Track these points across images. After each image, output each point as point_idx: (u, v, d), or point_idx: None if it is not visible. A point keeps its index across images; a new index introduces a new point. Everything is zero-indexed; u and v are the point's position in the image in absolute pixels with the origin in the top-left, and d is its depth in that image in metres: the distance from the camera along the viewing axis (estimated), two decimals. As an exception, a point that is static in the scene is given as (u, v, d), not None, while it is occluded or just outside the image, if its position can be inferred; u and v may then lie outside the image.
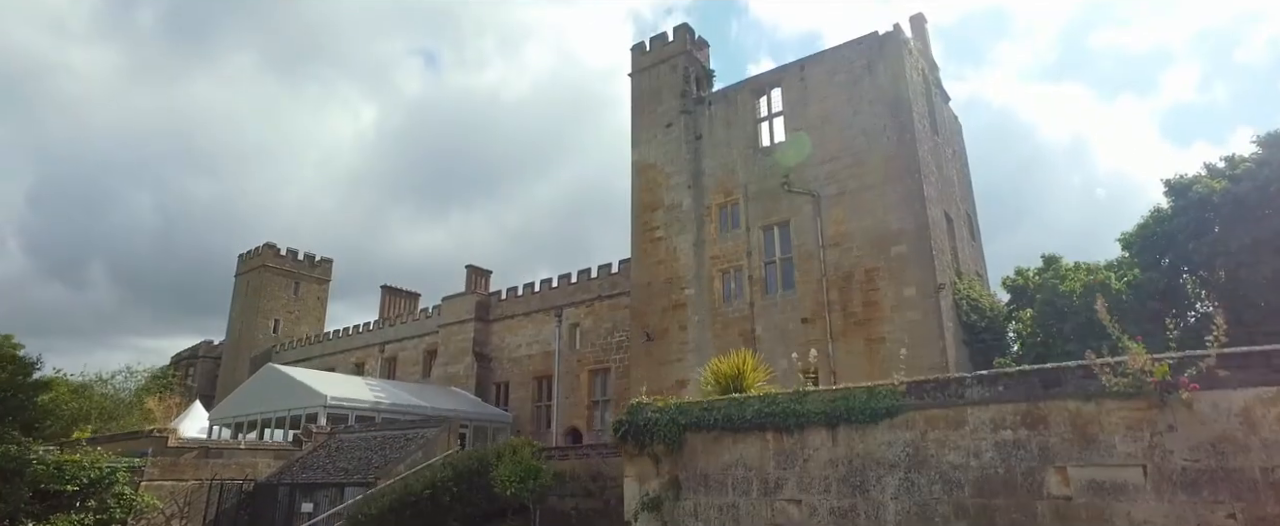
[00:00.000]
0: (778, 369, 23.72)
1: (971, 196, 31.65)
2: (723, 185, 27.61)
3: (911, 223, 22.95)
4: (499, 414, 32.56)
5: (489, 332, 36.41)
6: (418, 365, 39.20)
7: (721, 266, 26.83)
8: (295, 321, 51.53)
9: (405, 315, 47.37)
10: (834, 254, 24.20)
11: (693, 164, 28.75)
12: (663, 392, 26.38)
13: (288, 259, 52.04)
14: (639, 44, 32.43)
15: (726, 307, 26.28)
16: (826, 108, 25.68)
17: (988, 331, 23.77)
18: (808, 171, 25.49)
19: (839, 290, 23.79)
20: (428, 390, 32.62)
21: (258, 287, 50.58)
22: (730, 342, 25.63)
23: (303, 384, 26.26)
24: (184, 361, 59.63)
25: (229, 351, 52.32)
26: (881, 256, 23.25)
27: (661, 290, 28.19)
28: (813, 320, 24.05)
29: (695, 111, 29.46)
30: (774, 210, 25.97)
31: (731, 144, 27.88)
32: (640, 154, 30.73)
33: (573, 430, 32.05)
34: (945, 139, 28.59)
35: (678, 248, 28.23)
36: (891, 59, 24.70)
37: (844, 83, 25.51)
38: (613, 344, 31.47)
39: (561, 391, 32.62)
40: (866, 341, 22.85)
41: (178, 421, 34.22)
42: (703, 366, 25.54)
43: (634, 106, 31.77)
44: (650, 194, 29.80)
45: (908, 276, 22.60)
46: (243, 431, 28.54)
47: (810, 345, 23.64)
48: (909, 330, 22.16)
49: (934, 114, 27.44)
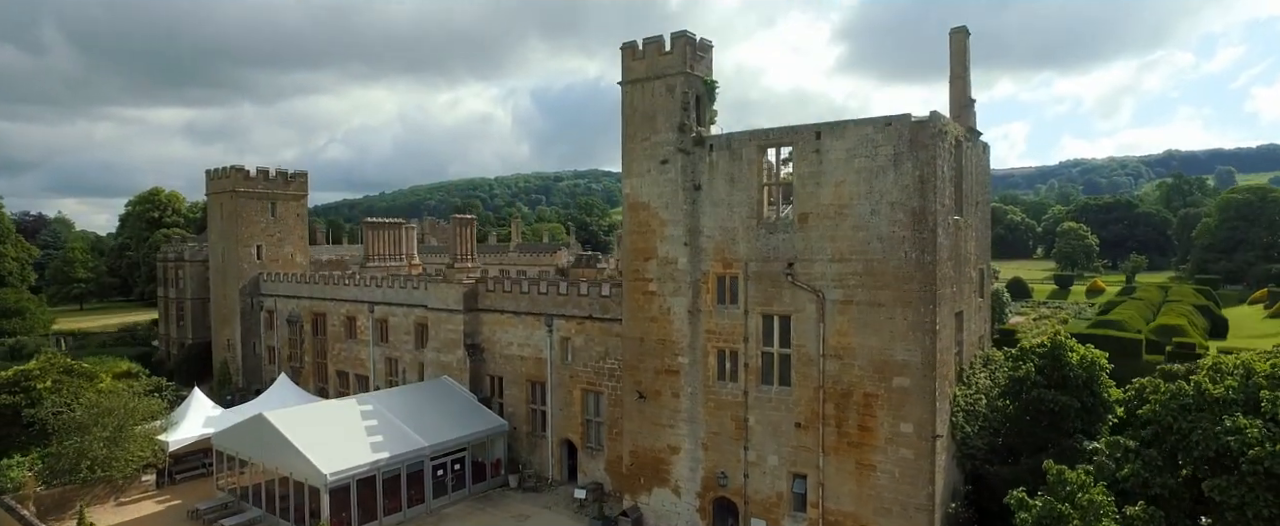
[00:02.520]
0: (767, 465, 24.48)
1: (988, 227, 29.72)
2: (722, 254, 25.57)
3: (918, 356, 21.81)
4: (497, 425, 33.35)
5: (479, 322, 35.89)
6: (410, 336, 39.15)
7: (717, 343, 25.88)
8: (278, 243, 50.17)
9: (389, 250, 46.28)
10: (834, 366, 23.30)
11: (691, 218, 26.29)
12: (655, 454, 27.35)
13: (259, 181, 49.06)
14: (630, 44, 27.71)
15: (720, 388, 25.87)
16: (842, 195, 22.92)
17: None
18: (815, 266, 23.51)
19: (836, 405, 23.32)
20: (424, 401, 32.87)
21: (233, 213, 48.39)
22: (723, 426, 25.91)
23: (303, 455, 26.49)
24: (170, 263, 59.08)
25: (216, 277, 51.58)
26: (883, 383, 22.46)
27: (654, 350, 27.47)
28: (807, 427, 23.91)
29: (694, 154, 26.20)
30: (776, 298, 24.40)
31: (733, 207, 25.27)
32: (633, 187, 27.93)
33: (567, 442, 33.19)
34: (971, 197, 25.99)
35: (672, 309, 26.94)
36: (923, 156, 21.50)
37: (864, 170, 22.48)
38: (604, 369, 31.31)
39: (555, 402, 33.16)
40: (858, 465, 23.00)
41: (180, 415, 35.16)
42: (695, 440, 26.24)
43: (625, 123, 28.13)
44: (643, 238, 27.66)
45: (907, 412, 22.07)
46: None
47: (802, 452, 24.00)
48: (901, 465, 22.24)
49: (961, 185, 24.65)
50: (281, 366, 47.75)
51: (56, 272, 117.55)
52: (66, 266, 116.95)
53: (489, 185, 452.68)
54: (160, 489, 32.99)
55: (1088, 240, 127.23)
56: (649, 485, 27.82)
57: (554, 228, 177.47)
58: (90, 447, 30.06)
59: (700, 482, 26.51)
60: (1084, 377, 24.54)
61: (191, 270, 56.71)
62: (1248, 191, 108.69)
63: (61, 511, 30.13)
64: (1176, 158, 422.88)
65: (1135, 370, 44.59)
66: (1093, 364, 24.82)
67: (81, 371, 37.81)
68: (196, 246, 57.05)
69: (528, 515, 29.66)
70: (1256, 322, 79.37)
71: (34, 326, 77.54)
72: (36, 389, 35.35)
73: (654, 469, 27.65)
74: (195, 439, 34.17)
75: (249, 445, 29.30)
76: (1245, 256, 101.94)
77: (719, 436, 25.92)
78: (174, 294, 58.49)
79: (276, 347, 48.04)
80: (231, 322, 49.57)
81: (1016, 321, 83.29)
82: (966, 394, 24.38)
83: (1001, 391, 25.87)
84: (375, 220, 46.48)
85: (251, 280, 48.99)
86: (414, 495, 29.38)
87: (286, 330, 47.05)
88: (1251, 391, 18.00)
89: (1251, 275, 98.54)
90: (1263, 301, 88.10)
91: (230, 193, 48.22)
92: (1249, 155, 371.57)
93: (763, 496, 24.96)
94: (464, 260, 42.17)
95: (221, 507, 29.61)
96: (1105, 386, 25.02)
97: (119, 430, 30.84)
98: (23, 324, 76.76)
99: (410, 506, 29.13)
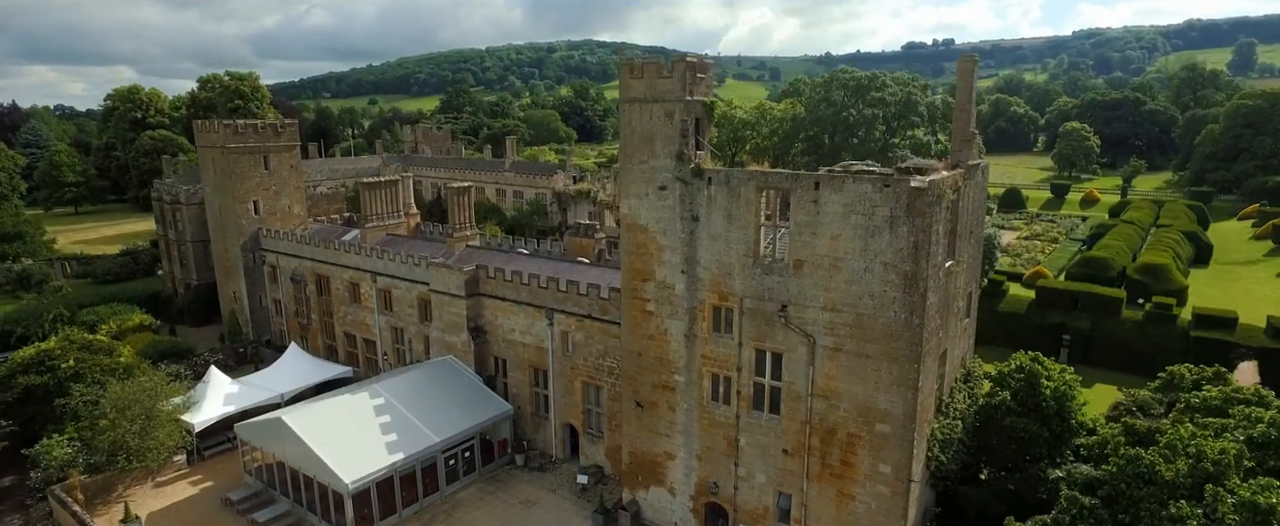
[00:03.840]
0: (755, 481, 26.71)
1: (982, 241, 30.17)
2: (718, 287, 26.24)
3: (900, 408, 23.18)
4: (503, 411, 35.28)
5: (481, 306, 36.89)
6: (413, 309, 40.26)
7: (712, 368, 27.16)
8: (274, 196, 50.00)
9: (386, 209, 46.48)
10: (821, 405, 24.72)
11: (688, 247, 26.71)
12: (653, 458, 29.58)
13: (249, 134, 47.98)
14: (628, 62, 26.80)
15: (714, 408, 27.47)
16: (837, 249, 23.30)
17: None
18: (808, 312, 24.32)
19: (821, 439, 24.99)
20: (432, 387, 34.56)
21: (226, 170, 47.82)
22: (716, 442, 27.86)
23: (325, 464, 28.48)
24: (167, 206, 59.02)
25: (215, 231, 51.75)
26: (865, 427, 23.98)
27: (651, 365, 28.80)
28: (793, 454, 25.73)
29: (692, 184, 26.16)
30: (769, 336, 25.39)
31: (731, 243, 25.63)
32: (631, 208, 28.06)
33: (569, 425, 35.32)
34: (966, 229, 26.28)
35: (669, 331, 27.98)
36: (919, 222, 21.71)
37: (861, 227, 22.74)
38: (604, 367, 32.78)
39: (557, 389, 34.93)
40: (839, 493, 25.03)
41: (200, 395, 37.06)
42: (690, 451, 28.32)
43: (623, 141, 27.88)
44: (641, 260, 28.16)
45: (886, 455, 23.76)
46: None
47: (788, 475, 26.06)
48: (877, 499, 24.26)
49: (957, 226, 24.91)
50: (288, 322, 49.30)
51: (45, 176, 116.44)
52: (54, 170, 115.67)
53: (480, 56, 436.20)
54: (191, 465, 35.47)
55: (1089, 141, 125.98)
56: (646, 483, 30.17)
57: (548, 115, 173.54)
58: (123, 440, 32.01)
59: (693, 487, 28.80)
60: (1055, 407, 26.12)
61: (189, 213, 56.75)
62: (1260, 97, 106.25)
63: (106, 495, 32.69)
64: (1196, 28, 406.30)
65: (1113, 328, 46.59)
66: (1063, 395, 26.30)
67: (100, 346, 39.29)
68: (191, 190, 56.68)
69: (534, 500, 32.30)
70: (1241, 243, 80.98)
71: (36, 249, 78.32)
72: (60, 368, 37.00)
73: (651, 470, 29.88)
74: (218, 417, 36.25)
75: (272, 442, 31.29)
76: (1244, 166, 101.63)
77: (712, 450, 27.87)
78: (174, 236, 58.84)
79: (283, 302, 49.31)
80: (236, 276, 50.50)
81: (1007, 241, 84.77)
82: (943, 424, 26.01)
83: (977, 411, 27.51)
84: (370, 180, 46.10)
85: (251, 236, 49.36)
86: (428, 484, 31.83)
87: (291, 287, 48.10)
88: (1199, 477, 19.52)
89: (1248, 186, 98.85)
90: (1252, 217, 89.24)
91: (220, 149, 47.45)
92: (1276, 23, 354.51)
93: (751, 507, 27.29)
94: (462, 228, 42.58)
95: (252, 497, 32.10)
96: (1074, 412, 26.66)
97: (148, 420, 32.68)
98: (25, 247, 77.45)
99: (425, 496, 31.66)
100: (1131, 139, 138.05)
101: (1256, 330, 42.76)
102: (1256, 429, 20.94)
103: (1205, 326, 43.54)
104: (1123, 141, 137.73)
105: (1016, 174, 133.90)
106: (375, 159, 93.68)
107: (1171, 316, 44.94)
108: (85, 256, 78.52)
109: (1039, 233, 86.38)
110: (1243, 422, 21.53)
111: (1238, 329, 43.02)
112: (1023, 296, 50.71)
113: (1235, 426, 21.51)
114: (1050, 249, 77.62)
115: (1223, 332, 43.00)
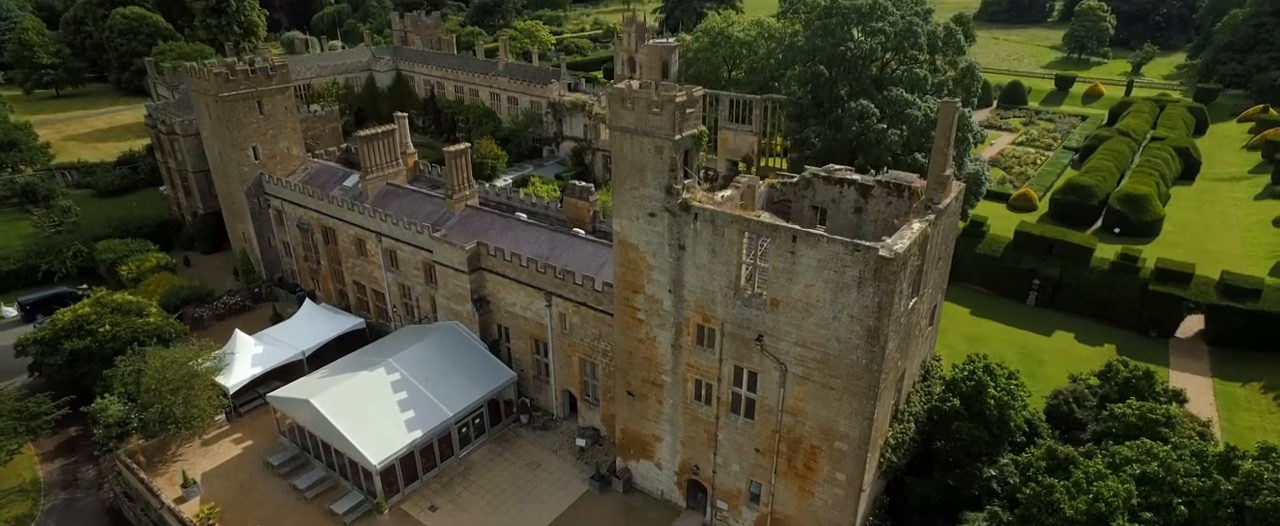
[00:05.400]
0: (731, 469, 31.06)
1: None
2: (702, 310, 28.64)
3: (856, 433, 26.50)
4: (508, 378, 38.72)
5: (484, 280, 39.23)
6: (419, 272, 42.49)
7: (695, 374, 30.24)
8: (272, 140, 50.40)
9: (385, 159, 47.51)
10: (789, 419, 28.06)
11: (675, 271, 28.79)
12: (642, 438, 33.73)
13: (241, 80, 47.48)
14: (619, 93, 27.36)
15: (696, 406, 30.89)
16: (810, 296, 25.48)
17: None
18: (782, 344, 26.94)
19: (788, 446, 28.60)
20: (442, 356, 37.73)
21: (221, 117, 47.88)
22: (697, 434, 31.75)
23: (353, 445, 32.35)
24: (164, 136, 59.28)
25: (217, 174, 52.57)
26: (826, 443, 27.46)
27: (641, 364, 31.87)
28: (765, 454, 29.49)
29: (680, 217, 27.75)
30: (746, 357, 28.20)
31: (714, 274, 27.71)
32: (622, 228, 29.78)
33: (567, 393, 39.02)
34: (933, 256, 28.20)
35: (658, 339, 30.73)
36: (884, 287, 23.74)
37: (832, 282, 24.79)
38: (599, 349, 35.80)
39: (557, 361, 38.25)
40: (801, 489, 29.05)
41: (229, 357, 40.62)
42: (675, 437, 32.41)
43: (615, 165, 29.05)
44: (632, 274, 30.29)
45: (842, 466, 27.44)
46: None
47: (759, 469, 30.13)
48: (833, 499, 28.32)
49: (924, 264, 26.86)
50: (299, 264, 51.74)
51: (17, 56, 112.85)
52: (26, 50, 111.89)
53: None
54: (230, 423, 39.60)
55: (1104, 22, 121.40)
56: (637, 456, 34.35)
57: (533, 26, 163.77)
58: (170, 411, 35.73)
59: (677, 466, 32.97)
60: (997, 415, 29.53)
61: (187, 143, 57.17)
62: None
63: (161, 455, 37.13)
64: None
65: (1082, 276, 49.40)
66: (1005, 404, 29.60)
67: (130, 307, 42.11)
68: (186, 120, 56.63)
69: (539, 462, 36.71)
70: (1231, 155, 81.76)
71: (33, 156, 78.65)
72: (99, 331, 40.11)
73: (641, 446, 33.93)
74: (248, 379, 39.96)
75: (303, 415, 35.03)
76: (1259, 59, 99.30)
77: (694, 440, 31.68)
78: (174, 165, 59.55)
79: (291, 245, 51.46)
80: (243, 219, 52.19)
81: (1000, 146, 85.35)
82: (897, 430, 29.51)
83: (929, 411, 30.96)
84: (367, 132, 46.39)
85: (254, 182, 50.45)
86: (444, 450, 36.06)
87: (298, 233, 50.05)
88: (1093, 515, 23.18)
89: (1258, 83, 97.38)
90: (1252, 120, 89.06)
91: (214, 97, 47.33)
92: None
93: (727, 488, 31.56)
94: (462, 189, 43.88)
95: (291, 460, 36.43)
96: (1013, 417, 30.09)
97: (189, 390, 36.22)
98: (21, 155, 77.73)
99: (443, 460, 36.01)
100: (1151, 14, 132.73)
101: (1209, 285, 45.63)
102: (1150, 466, 24.33)
103: (1163, 280, 46.33)
104: (1141, 18, 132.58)
105: (1023, 55, 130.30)
106: (364, 52, 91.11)
107: (1135, 268, 47.51)
108: (84, 164, 79.05)
109: (1035, 137, 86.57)
110: (1141, 456, 24.91)
111: (1192, 284, 45.84)
112: (1001, 238, 52.91)
113: (1135, 460, 24.88)
114: (1043, 160, 78.44)
115: (1178, 287, 45.92)
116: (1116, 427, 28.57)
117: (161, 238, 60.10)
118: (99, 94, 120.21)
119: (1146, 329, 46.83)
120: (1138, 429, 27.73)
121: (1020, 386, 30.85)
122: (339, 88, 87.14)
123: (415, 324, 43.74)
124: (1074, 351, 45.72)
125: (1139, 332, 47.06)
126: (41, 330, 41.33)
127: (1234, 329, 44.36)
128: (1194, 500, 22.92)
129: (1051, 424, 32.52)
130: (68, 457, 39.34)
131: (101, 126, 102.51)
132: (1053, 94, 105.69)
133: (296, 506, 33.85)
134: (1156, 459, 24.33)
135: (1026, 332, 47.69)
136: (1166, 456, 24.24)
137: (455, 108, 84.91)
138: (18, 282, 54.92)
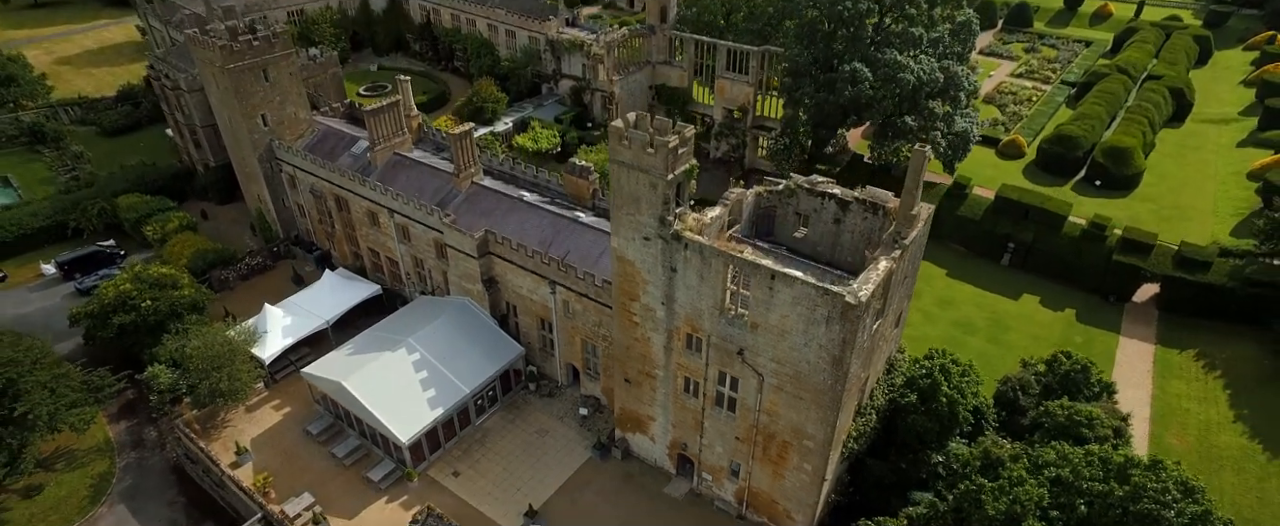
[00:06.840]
0: (715, 451, 35.96)
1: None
2: (691, 322, 32.12)
3: (821, 435, 30.73)
4: (517, 353, 42.70)
5: (492, 263, 42.34)
6: (431, 248, 45.44)
7: (684, 373, 34.19)
8: (279, 106, 51.58)
9: (391, 130, 49.30)
10: (765, 418, 32.27)
11: (667, 287, 32.01)
12: (638, 416, 38.40)
13: (244, 51, 48.19)
14: (616, 131, 29.45)
15: (685, 398, 35.08)
16: (786, 325, 28.87)
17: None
18: (760, 358, 30.64)
19: (764, 438, 33.00)
20: (456, 333, 41.50)
21: (228, 88, 48.86)
22: (686, 420, 36.27)
23: (383, 423, 36.82)
24: (170, 91, 60.17)
25: (228, 139, 53.98)
26: (796, 440, 31.79)
27: (637, 359, 35.76)
28: (744, 442, 33.99)
29: (671, 243, 30.61)
30: (729, 364, 32.01)
31: (702, 296, 30.95)
32: (620, 245, 32.66)
33: (571, 365, 43.16)
34: (900, 275, 31.30)
35: (652, 340, 34.42)
36: (848, 327, 27.03)
37: (804, 317, 28.08)
38: (599, 334, 39.52)
39: (561, 339, 42.13)
40: (773, 472, 33.75)
41: (261, 329, 44.69)
42: (666, 418, 37.02)
43: (613, 192, 31.47)
44: (629, 284, 33.52)
45: (809, 459, 31.92)
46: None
47: (738, 453, 34.84)
48: (800, 482, 33.06)
49: (889, 292, 30.02)
50: (314, 226, 54.52)
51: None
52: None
53: None
54: (268, 390, 44.10)
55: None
56: (634, 430, 39.02)
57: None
58: (217, 387, 40.01)
59: (669, 442, 37.66)
60: (948, 410, 33.72)
61: (193, 99, 58.17)
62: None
63: (212, 421, 41.82)
64: None
65: (1054, 242, 52.53)
66: (954, 401, 33.69)
67: (166, 280, 45.52)
68: (191, 75, 57.40)
69: (547, 429, 41.47)
70: (1228, 90, 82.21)
71: (34, 91, 78.98)
72: (142, 306, 43.79)
73: (637, 423, 38.50)
74: (281, 349, 44.10)
75: (335, 392, 39.38)
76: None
77: (683, 423, 36.13)
78: (182, 120, 60.80)
79: (306, 209, 54.04)
80: (257, 182, 54.36)
81: (999, 77, 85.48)
82: (860, 424, 33.78)
83: (889, 402, 35.14)
84: (373, 106, 47.66)
85: (266, 148, 52.26)
86: (463, 421, 40.72)
87: (312, 199, 52.52)
88: (1011, 516, 27.69)
89: (1271, 6, 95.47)
90: (1258, 48, 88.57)
91: (220, 69, 48.24)
92: None
93: (711, 464, 36.37)
94: (468, 167, 46.07)
95: (327, 429, 41.15)
96: (961, 410, 34.24)
97: (231, 365, 40.35)
98: (20, 90, 77.98)
99: (461, 429, 40.75)
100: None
101: (1167, 256, 48.89)
102: (1064, 470, 28.59)
103: (1126, 251, 49.52)
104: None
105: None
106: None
107: (1103, 237, 50.49)
108: (85, 99, 79.45)
109: (1034, 69, 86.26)
110: (1058, 461, 29.12)
111: (1152, 255, 49.07)
112: (980, 201, 55.42)
113: (1052, 464, 29.05)
114: (1039, 96, 78.93)
115: (1139, 258, 49.19)
116: (1048, 423, 32.86)
117: (176, 190, 62.42)
118: (81, 3, 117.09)
119: (1106, 294, 50.53)
120: (1063, 428, 32.01)
121: (971, 381, 34.84)
122: (333, 12, 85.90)
123: (428, 294, 47.32)
124: (1037, 316, 49.63)
125: (1100, 297, 50.81)
126: (89, 304, 44.96)
127: (1183, 298, 48.07)
128: (1093, 501, 27.35)
129: (999, 407, 36.79)
130: (130, 419, 44.19)
131: (91, 46, 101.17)
132: (1060, 12, 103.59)
133: (337, 473, 38.88)
134: (1070, 464, 28.61)
135: (997, 296, 51.36)
136: (1078, 462, 28.49)
137: (453, 36, 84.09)
138: (48, 239, 57.91)
